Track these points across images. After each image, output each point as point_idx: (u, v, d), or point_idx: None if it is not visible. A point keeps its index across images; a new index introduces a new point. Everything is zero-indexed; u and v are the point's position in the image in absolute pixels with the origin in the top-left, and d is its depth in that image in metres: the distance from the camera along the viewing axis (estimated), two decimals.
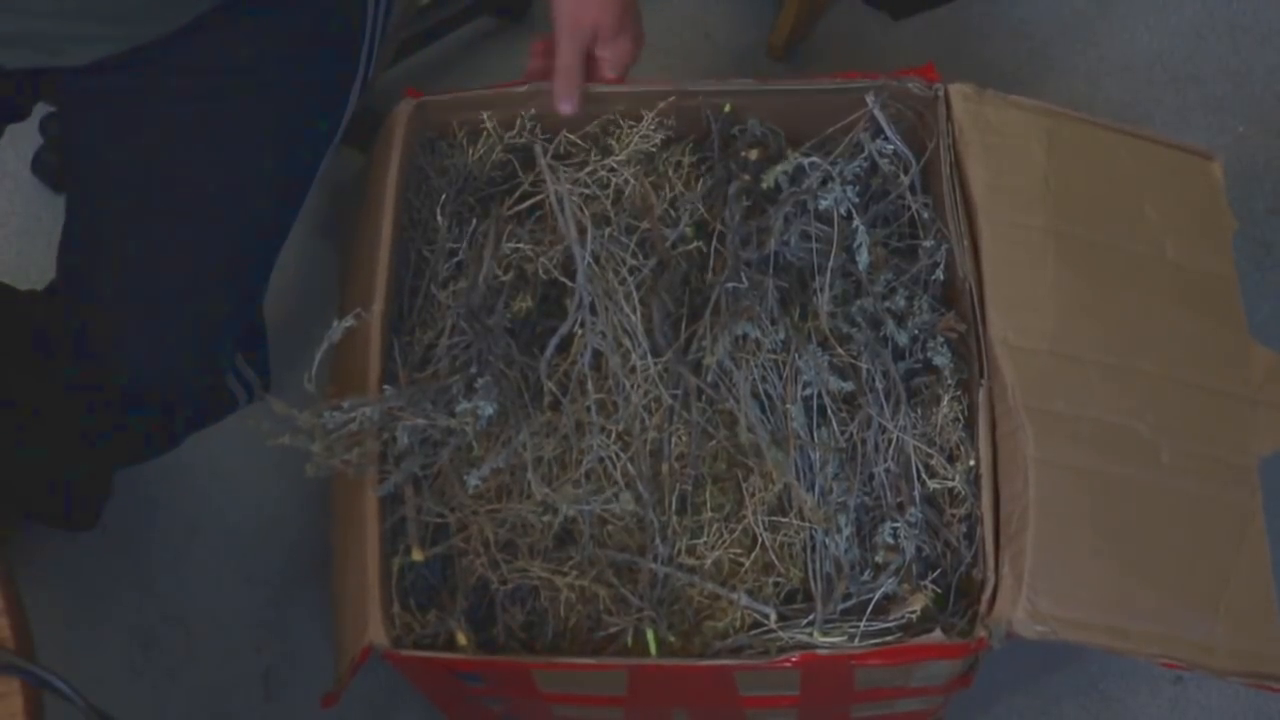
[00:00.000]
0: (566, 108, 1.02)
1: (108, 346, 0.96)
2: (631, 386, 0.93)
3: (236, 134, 0.98)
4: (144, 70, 0.95)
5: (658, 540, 0.91)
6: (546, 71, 1.02)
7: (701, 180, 1.03)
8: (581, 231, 0.96)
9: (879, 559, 0.90)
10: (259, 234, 1.02)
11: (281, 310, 1.42)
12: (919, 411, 0.94)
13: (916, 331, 0.96)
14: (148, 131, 0.97)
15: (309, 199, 1.06)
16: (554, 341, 0.94)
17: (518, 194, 1.04)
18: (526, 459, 0.90)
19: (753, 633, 0.90)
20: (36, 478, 1.08)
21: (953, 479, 0.91)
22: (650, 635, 0.89)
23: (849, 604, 0.89)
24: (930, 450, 0.92)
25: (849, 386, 0.94)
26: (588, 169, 1.02)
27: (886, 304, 0.96)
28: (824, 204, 0.97)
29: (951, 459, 0.93)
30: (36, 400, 0.99)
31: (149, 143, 0.97)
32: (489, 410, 0.88)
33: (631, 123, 1.04)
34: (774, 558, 0.92)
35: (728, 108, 1.04)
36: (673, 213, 1.01)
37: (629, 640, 0.90)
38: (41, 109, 1.34)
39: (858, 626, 0.87)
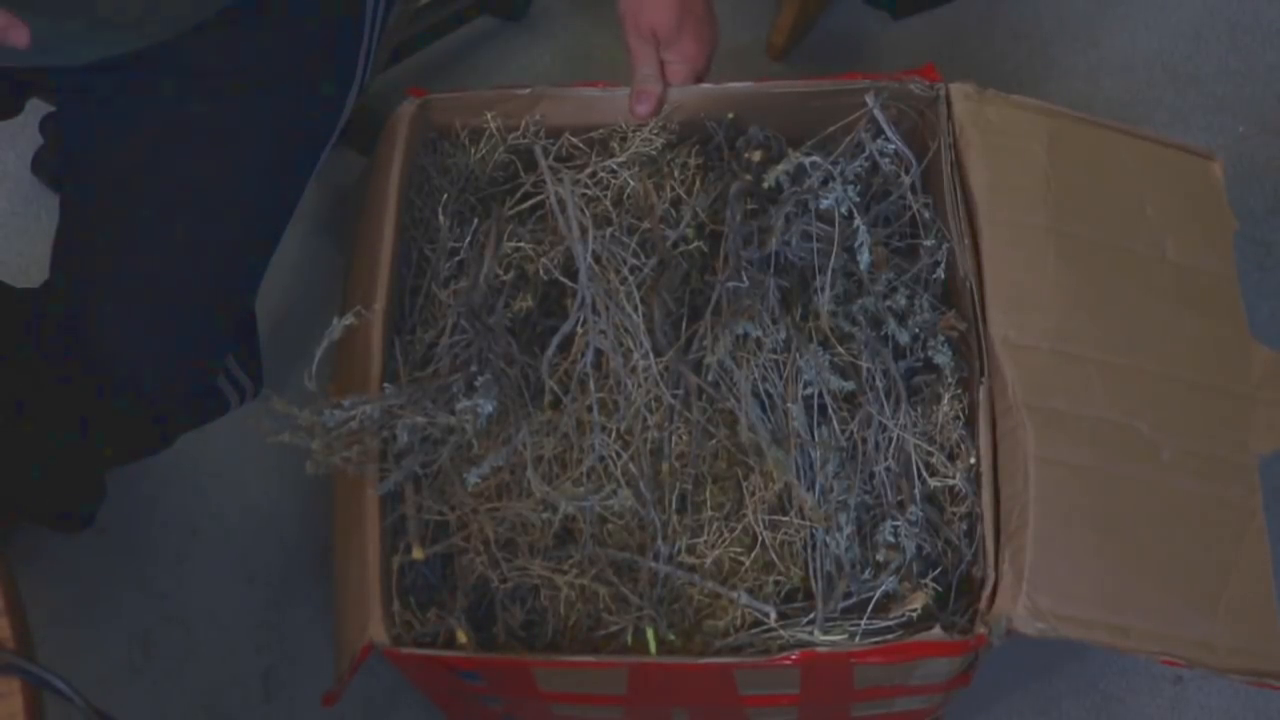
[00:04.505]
0: (641, 109, 1.03)
1: (97, 345, 0.96)
2: (633, 385, 0.93)
3: (232, 136, 0.98)
4: (141, 70, 0.95)
5: (658, 539, 0.91)
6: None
7: (705, 181, 1.03)
8: (583, 231, 0.96)
9: (879, 557, 0.90)
10: (251, 236, 1.02)
11: (282, 309, 1.42)
12: (919, 410, 0.94)
13: (917, 330, 0.96)
14: (142, 131, 0.97)
15: (308, 199, 1.06)
16: (556, 340, 0.94)
17: (519, 194, 1.04)
18: (526, 457, 0.90)
19: (753, 631, 0.90)
20: (30, 477, 1.08)
21: (953, 477, 0.91)
22: (650, 634, 0.89)
23: (849, 603, 0.89)
24: (931, 448, 0.92)
25: (849, 386, 0.94)
26: (588, 170, 1.03)
27: (887, 303, 0.96)
28: (825, 203, 0.97)
29: (952, 457, 0.93)
30: (31, 399, 0.99)
31: (143, 142, 0.97)
32: (489, 408, 0.88)
33: (635, 126, 1.04)
34: (774, 556, 0.92)
35: (730, 116, 1.04)
36: (674, 213, 1.01)
37: (629, 639, 0.90)
38: (41, 108, 1.34)
39: (858, 625, 0.87)
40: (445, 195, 1.03)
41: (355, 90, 1.05)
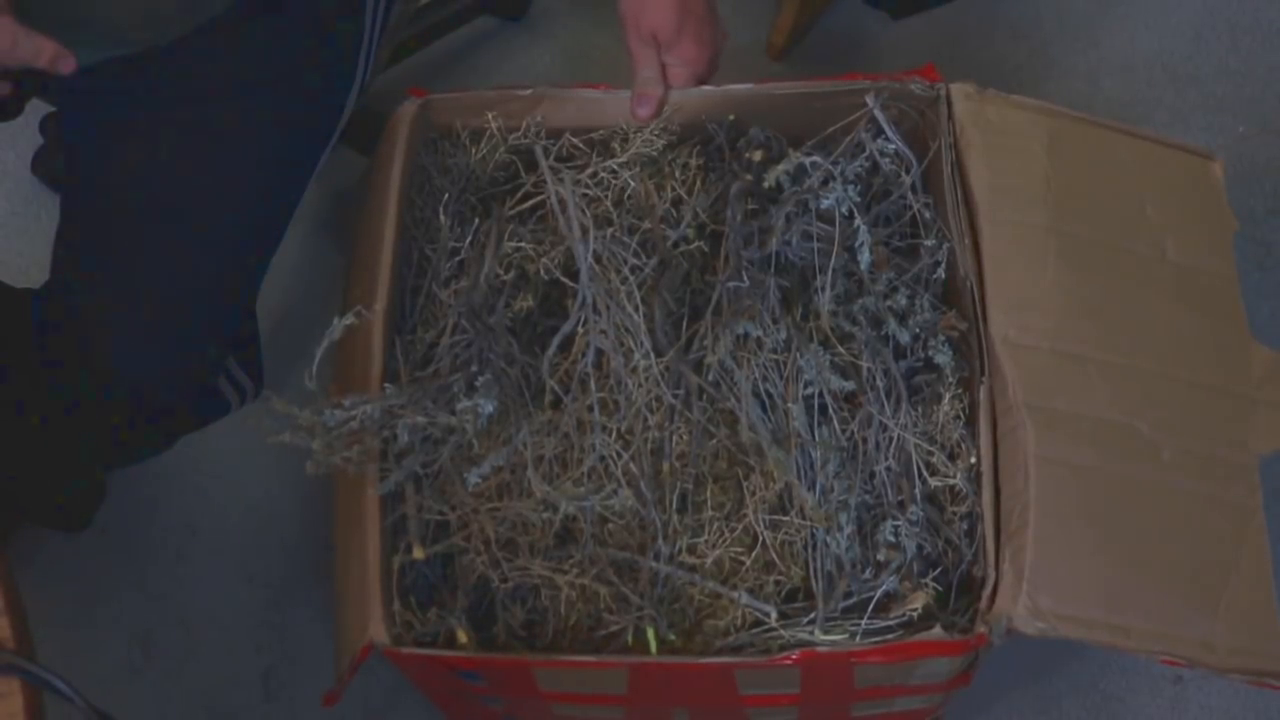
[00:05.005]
0: (641, 111, 1.03)
1: (98, 346, 0.96)
2: (633, 385, 0.93)
3: (232, 136, 0.98)
4: (141, 71, 0.95)
5: (659, 539, 0.91)
6: None
7: (705, 181, 1.03)
8: (584, 231, 0.96)
9: (880, 557, 0.90)
10: (252, 237, 1.02)
11: (282, 309, 1.42)
12: (920, 410, 0.94)
13: (918, 330, 0.96)
14: (142, 132, 0.97)
15: (308, 199, 1.06)
16: (556, 340, 0.94)
17: (520, 194, 1.04)
18: (527, 457, 0.90)
19: (753, 631, 0.90)
20: (31, 477, 1.08)
21: (954, 477, 0.91)
22: (650, 634, 0.89)
23: (850, 602, 0.89)
24: (931, 448, 0.92)
25: (850, 385, 0.94)
26: (589, 171, 1.03)
27: (888, 303, 0.96)
28: (825, 203, 0.97)
29: (952, 457, 0.93)
30: (32, 400, 0.99)
31: (143, 143, 0.97)
32: (489, 408, 0.88)
33: (636, 127, 1.04)
34: (775, 556, 0.92)
35: (731, 118, 1.04)
36: (675, 213, 1.01)
37: (629, 639, 0.90)
38: (41, 108, 1.34)
39: (859, 625, 0.87)
40: (446, 195, 1.03)
41: (355, 90, 1.05)
